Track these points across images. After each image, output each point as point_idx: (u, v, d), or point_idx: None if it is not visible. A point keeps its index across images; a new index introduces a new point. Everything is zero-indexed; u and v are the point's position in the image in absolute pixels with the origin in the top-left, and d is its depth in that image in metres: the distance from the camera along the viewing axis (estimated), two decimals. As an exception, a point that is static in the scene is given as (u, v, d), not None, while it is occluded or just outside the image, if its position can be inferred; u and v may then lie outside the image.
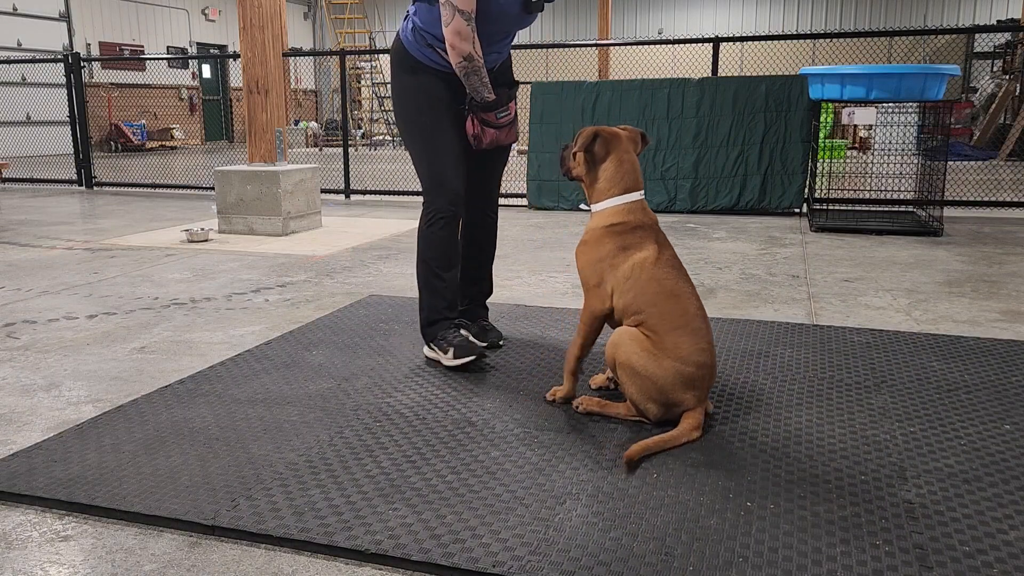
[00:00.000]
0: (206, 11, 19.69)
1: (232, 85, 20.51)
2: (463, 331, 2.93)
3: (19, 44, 14.89)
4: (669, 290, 2.24)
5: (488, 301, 3.19)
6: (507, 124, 2.75)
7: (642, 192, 2.38)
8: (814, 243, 5.27)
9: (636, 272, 2.27)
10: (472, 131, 2.73)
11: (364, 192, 8.27)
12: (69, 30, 16.12)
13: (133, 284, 4.18)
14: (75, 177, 9.41)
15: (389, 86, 2.88)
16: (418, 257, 2.81)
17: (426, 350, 2.88)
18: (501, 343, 3.01)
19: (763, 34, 8.18)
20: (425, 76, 2.72)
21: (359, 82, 19.09)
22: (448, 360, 2.74)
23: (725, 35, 7.20)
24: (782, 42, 10.37)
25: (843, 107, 5.88)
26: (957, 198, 6.75)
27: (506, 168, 3.13)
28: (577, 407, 2.37)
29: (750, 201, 6.58)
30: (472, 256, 3.02)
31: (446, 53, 2.64)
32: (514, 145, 2.96)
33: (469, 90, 2.66)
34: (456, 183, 2.75)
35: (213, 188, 7.50)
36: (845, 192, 7.31)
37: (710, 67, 7.08)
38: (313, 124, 18.97)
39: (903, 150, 10.35)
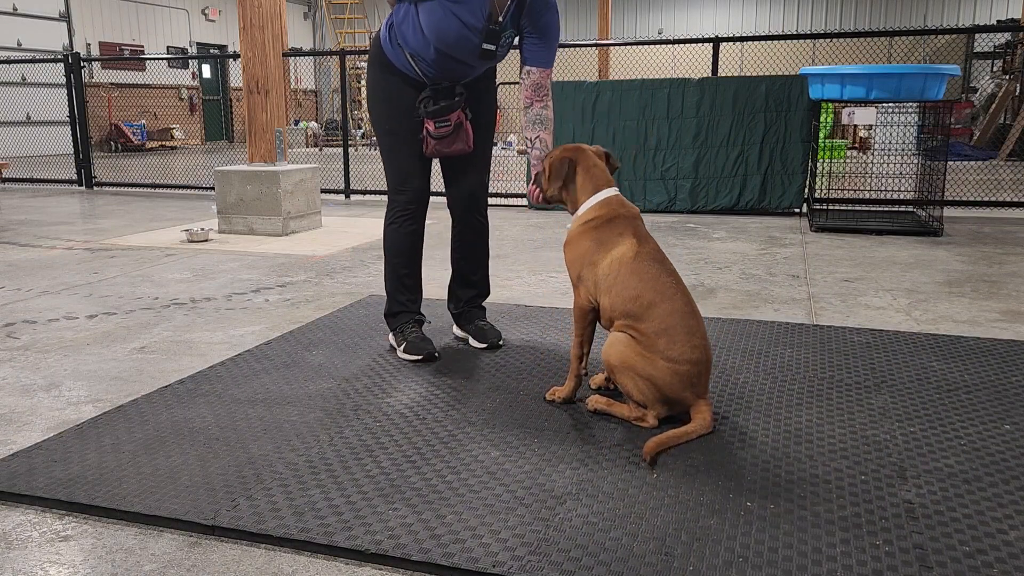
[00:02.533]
0: (206, 11, 19.69)
1: (232, 85, 20.51)
2: (421, 328, 2.99)
3: (19, 44, 14.89)
4: (653, 289, 2.24)
5: (488, 301, 3.20)
6: (445, 135, 2.75)
7: (615, 189, 2.42)
8: (814, 243, 5.27)
9: (616, 268, 2.28)
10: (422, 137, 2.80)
11: (364, 192, 8.27)
12: (69, 30, 16.12)
13: (133, 284, 4.18)
14: (75, 177, 9.41)
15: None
16: (384, 252, 2.95)
17: (390, 336, 3.02)
18: (500, 343, 3.01)
19: (763, 34, 8.18)
20: (393, 78, 2.79)
21: (359, 82, 19.07)
22: (400, 353, 2.89)
23: (725, 35, 7.20)
24: (782, 42, 10.37)
25: (843, 107, 5.88)
26: (957, 198, 6.75)
27: (506, 168, 3.14)
28: (586, 405, 2.38)
29: (750, 201, 6.58)
30: (464, 259, 3.04)
31: (412, 57, 2.71)
32: (513, 145, 2.98)
33: None
34: (417, 182, 2.85)
35: (213, 188, 7.50)
36: (845, 192, 7.31)
37: (710, 67, 7.08)
38: (313, 124, 18.97)
39: (903, 150, 10.35)
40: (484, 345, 2.99)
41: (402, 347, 2.88)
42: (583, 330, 2.40)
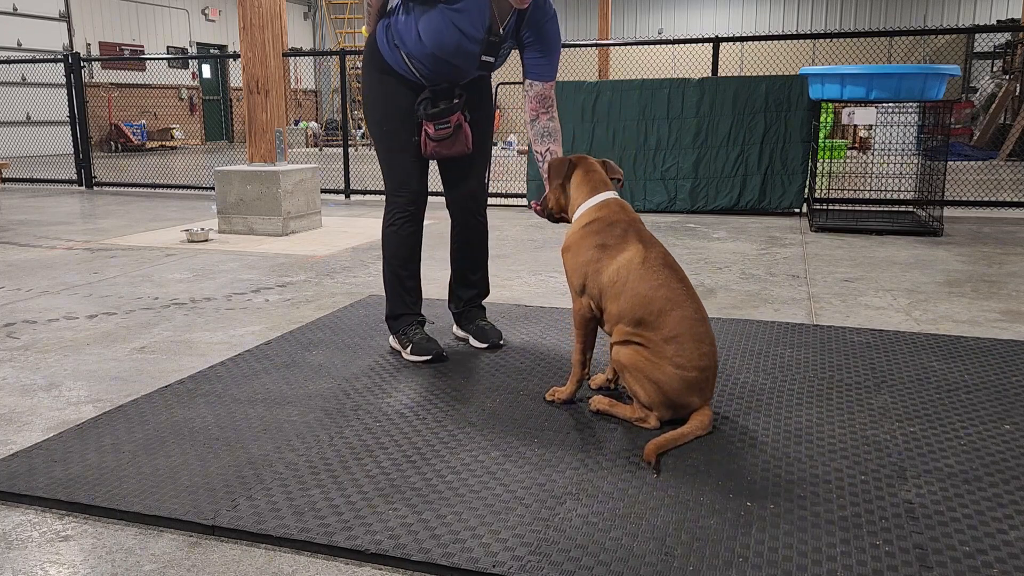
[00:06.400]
0: (206, 11, 19.68)
1: (232, 85, 20.51)
2: (424, 329, 2.97)
3: (19, 44, 14.89)
4: (664, 296, 2.20)
5: (488, 301, 3.20)
6: (445, 137, 2.75)
7: (614, 192, 2.40)
8: (814, 243, 5.27)
9: (623, 275, 2.24)
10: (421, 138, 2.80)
11: (364, 192, 8.27)
12: (69, 30, 16.11)
13: (133, 284, 4.18)
14: (75, 177, 9.41)
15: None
16: (382, 255, 2.93)
17: (391, 339, 2.99)
18: (501, 342, 3.01)
19: (763, 34, 8.18)
20: (390, 79, 2.78)
21: (359, 82, 19.07)
22: (407, 355, 2.87)
23: (725, 35, 7.20)
24: (782, 42, 10.38)
25: (843, 107, 5.89)
26: (957, 198, 6.75)
27: (506, 168, 3.14)
28: (589, 405, 2.38)
29: (750, 201, 6.58)
30: (464, 259, 3.04)
31: (408, 58, 2.70)
32: (514, 145, 2.98)
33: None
34: (416, 184, 2.84)
35: (213, 188, 7.49)
36: (845, 192, 7.31)
37: (710, 67, 7.08)
38: (313, 124, 18.97)
39: (903, 150, 10.36)
40: (485, 345, 2.99)
41: (408, 349, 2.86)
42: (585, 337, 2.38)
